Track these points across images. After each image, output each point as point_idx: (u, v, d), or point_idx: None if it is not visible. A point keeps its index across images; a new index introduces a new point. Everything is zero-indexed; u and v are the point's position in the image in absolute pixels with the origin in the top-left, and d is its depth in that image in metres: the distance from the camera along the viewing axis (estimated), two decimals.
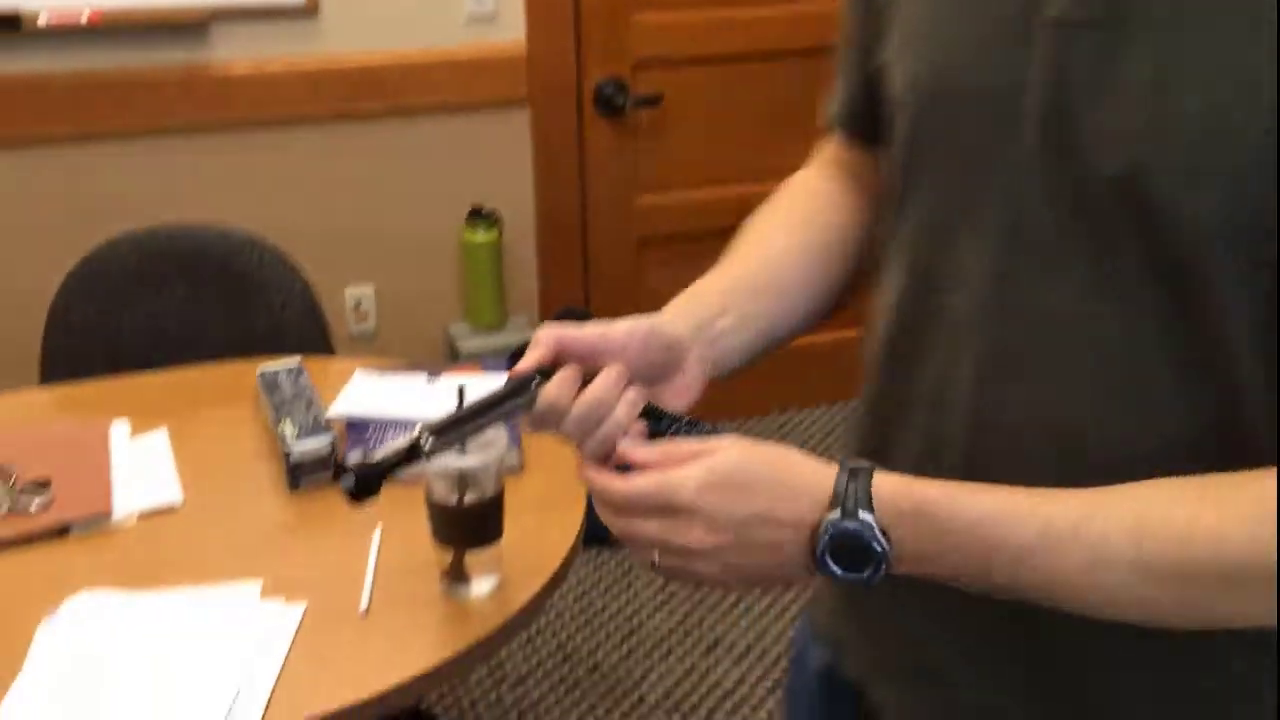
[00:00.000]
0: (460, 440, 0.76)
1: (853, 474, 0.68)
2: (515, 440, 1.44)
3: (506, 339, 2.69)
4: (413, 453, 0.74)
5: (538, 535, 1.30)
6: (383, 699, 1.09)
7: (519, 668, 2.21)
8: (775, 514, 0.68)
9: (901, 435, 0.79)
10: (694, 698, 2.14)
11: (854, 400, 0.88)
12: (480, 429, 0.75)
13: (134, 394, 1.65)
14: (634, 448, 0.72)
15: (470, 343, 2.69)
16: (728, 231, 0.93)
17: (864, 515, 0.66)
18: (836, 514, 0.66)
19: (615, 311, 0.75)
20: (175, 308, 1.85)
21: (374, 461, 0.74)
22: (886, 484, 0.67)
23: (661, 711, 2.10)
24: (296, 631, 1.16)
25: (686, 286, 0.84)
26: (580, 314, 2.73)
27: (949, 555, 0.66)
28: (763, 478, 0.68)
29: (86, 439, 1.50)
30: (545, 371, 0.74)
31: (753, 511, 0.67)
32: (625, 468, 0.73)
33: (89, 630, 1.15)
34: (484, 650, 1.16)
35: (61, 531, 1.32)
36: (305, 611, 1.18)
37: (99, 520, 1.34)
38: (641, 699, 2.13)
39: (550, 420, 0.73)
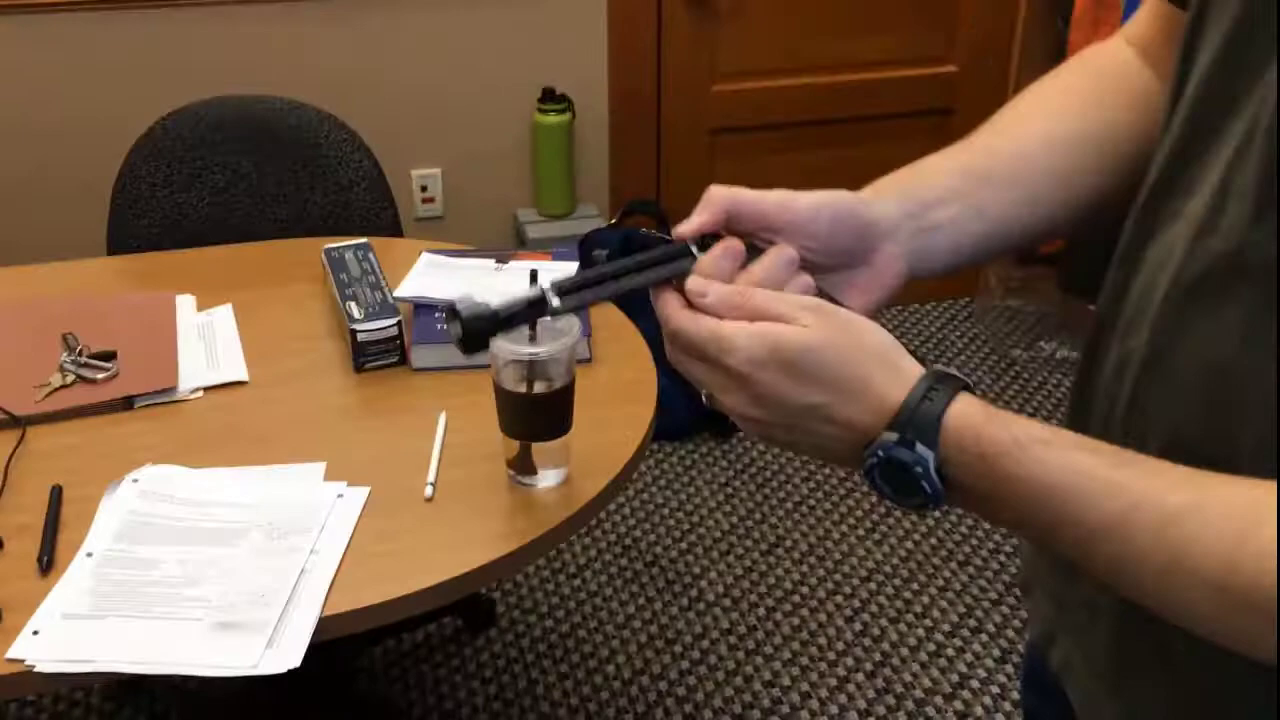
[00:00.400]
0: (587, 304, 0.66)
1: (930, 392, 0.58)
2: (585, 330, 1.39)
3: (575, 227, 2.63)
4: (535, 309, 0.65)
5: (606, 429, 1.26)
6: (444, 588, 1.07)
7: (578, 558, 2.21)
8: (831, 411, 0.60)
9: (1108, 341, 0.69)
10: (752, 596, 2.12)
11: (930, 302, 0.83)
12: (614, 295, 0.65)
13: (199, 268, 1.62)
14: (706, 285, 0.63)
15: (538, 229, 2.63)
16: (805, 125, 0.87)
17: (921, 449, 0.58)
18: (893, 436, 0.58)
19: (687, 202, 0.67)
20: (242, 181, 1.81)
21: (487, 311, 0.65)
22: (962, 414, 0.58)
23: (719, 609, 2.09)
24: (360, 515, 1.14)
25: (758, 181, 0.73)
26: (652, 208, 2.66)
27: (1010, 511, 0.58)
28: (830, 369, 0.59)
29: (152, 312, 1.48)
30: (705, 240, 0.65)
31: (807, 403, 0.60)
32: None
33: (152, 503, 1.14)
34: (547, 544, 1.14)
35: (126, 403, 1.31)
36: (369, 495, 1.16)
37: (164, 394, 1.33)
38: (700, 595, 2.12)
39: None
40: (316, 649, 1.00)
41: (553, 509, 1.17)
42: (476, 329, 0.65)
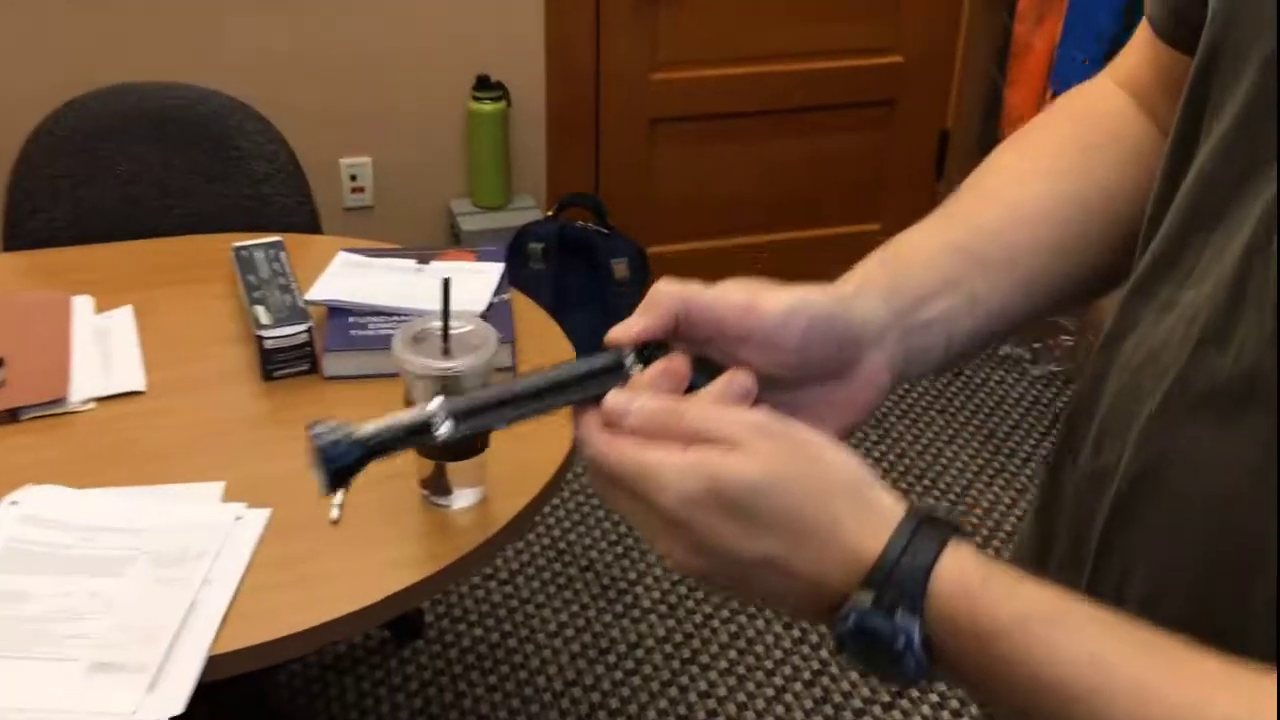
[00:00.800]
0: (487, 429, 0.54)
1: (914, 541, 0.47)
2: (507, 335, 1.32)
3: (510, 219, 2.55)
4: (418, 435, 0.53)
5: (527, 444, 1.19)
6: (349, 620, 1.00)
7: (510, 563, 2.14)
8: (790, 563, 0.48)
9: (1077, 449, 0.60)
10: (689, 602, 2.06)
11: (878, 224, 0.74)
12: (522, 417, 0.54)
13: (100, 266, 1.52)
14: (628, 402, 0.51)
15: (473, 221, 2.55)
16: (748, 116, 0.77)
17: (902, 617, 0.47)
18: (867, 599, 0.47)
19: (624, 195, 0.57)
20: (147, 174, 1.71)
21: (349, 440, 0.53)
22: (952, 575, 0.47)
23: (655, 615, 2.03)
24: (259, 540, 1.06)
25: (698, 171, 0.63)
26: (590, 201, 2.59)
27: (1008, 698, 0.47)
28: (786, 510, 0.48)
29: (46, 313, 1.39)
30: (646, 351, 0.53)
31: (758, 553, 0.48)
32: None
33: (32, 528, 1.06)
34: (463, 569, 1.07)
35: (11, 415, 1.22)
36: (270, 517, 1.08)
37: (53, 405, 1.24)
38: (635, 601, 2.06)
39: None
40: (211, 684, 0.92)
41: (469, 531, 1.10)
42: (337, 465, 0.53)
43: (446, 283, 1.03)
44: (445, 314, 1.04)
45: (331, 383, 1.29)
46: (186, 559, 1.03)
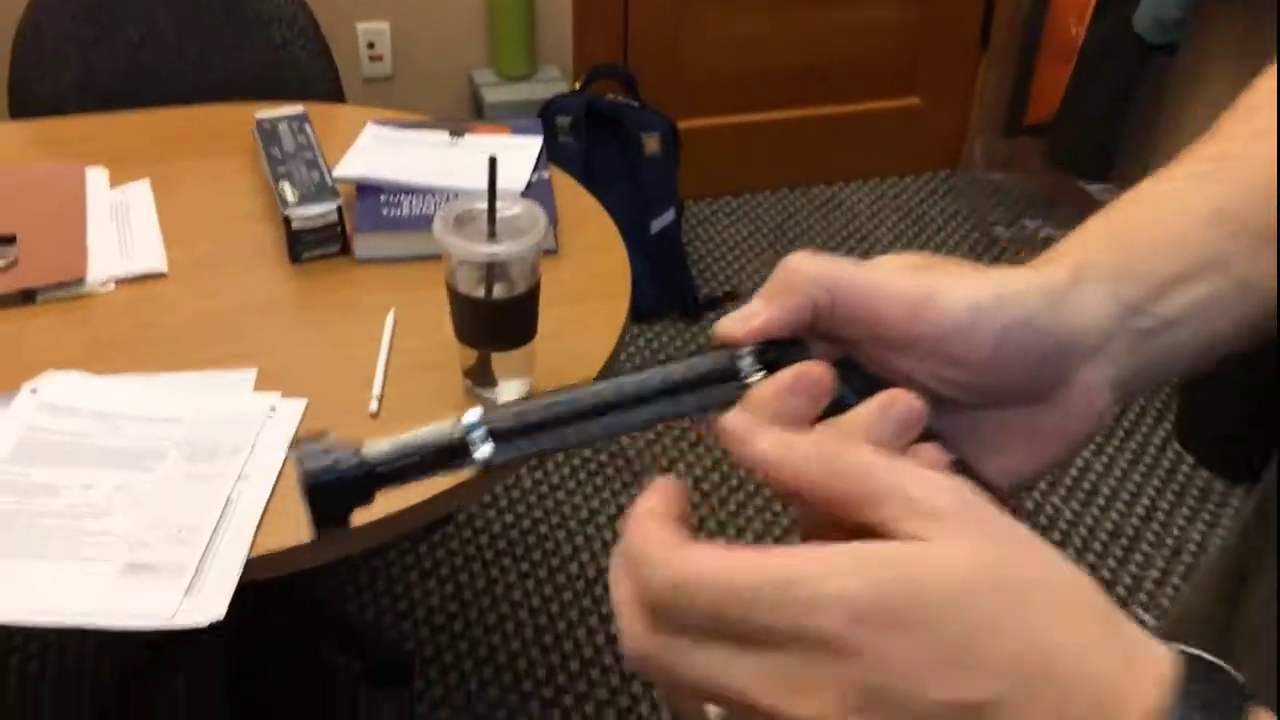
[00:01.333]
0: (546, 451, 0.39)
1: (1194, 703, 0.30)
2: (551, 216, 1.24)
3: (535, 91, 2.43)
4: (446, 460, 0.38)
5: (575, 332, 1.12)
6: (392, 521, 0.94)
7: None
8: (1017, 715, 0.30)
9: None
10: (723, 490, 2.02)
11: (909, 175, 0.60)
12: (584, 442, 0.39)
13: (112, 135, 1.43)
14: (756, 425, 0.35)
15: (496, 93, 2.44)
16: None
17: None
18: None
19: (654, 67, 0.37)
20: (159, 37, 1.60)
21: (352, 466, 0.37)
22: None
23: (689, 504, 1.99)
24: (296, 431, 1.00)
25: (731, 42, 0.42)
26: (620, 72, 2.46)
27: None
28: (1016, 637, 0.30)
29: (58, 187, 1.30)
30: (769, 351, 0.39)
31: (972, 699, 0.30)
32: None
33: (53, 417, 0.99)
34: (510, 468, 1.01)
35: (26, 297, 1.15)
36: (306, 409, 1.02)
37: (71, 287, 1.16)
38: None
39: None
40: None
41: None
42: (328, 498, 0.37)
43: (493, 161, 0.94)
44: (492, 195, 0.95)
45: (364, 265, 1.22)
46: (220, 453, 0.97)
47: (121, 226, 1.25)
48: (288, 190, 1.21)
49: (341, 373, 1.07)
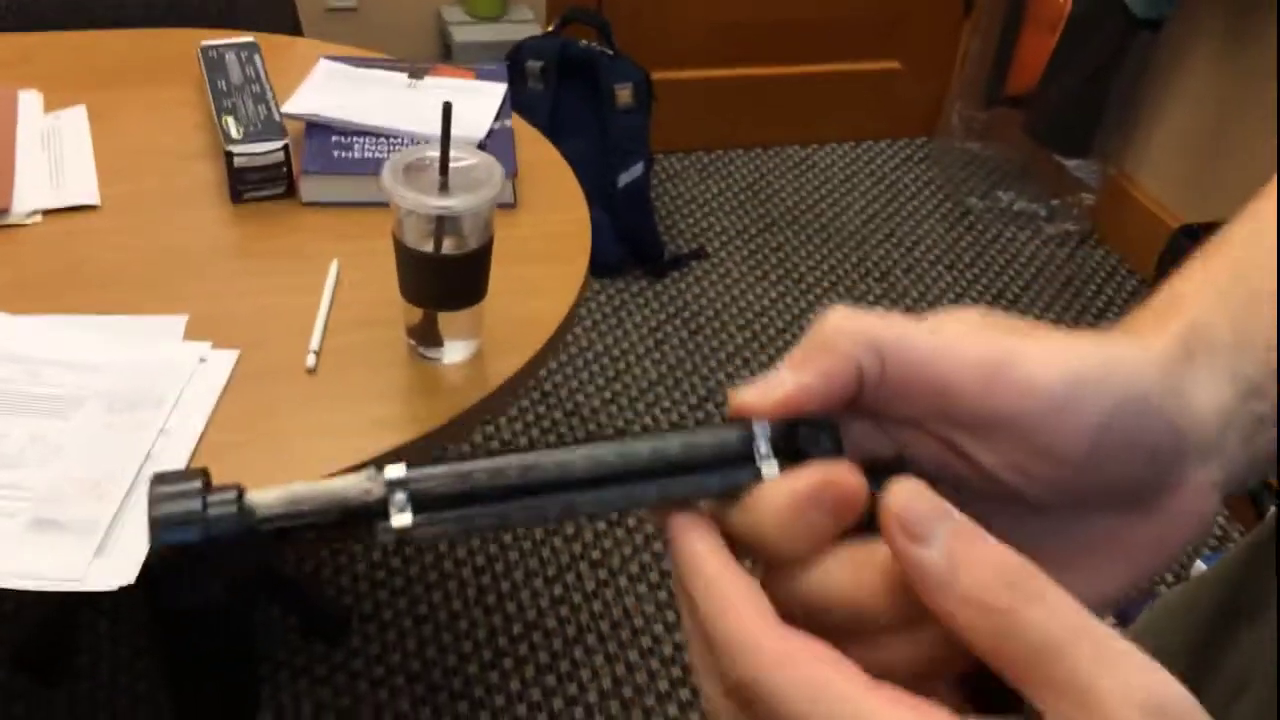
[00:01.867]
0: (481, 528, 0.31)
1: None
2: (510, 168, 1.18)
3: (506, 32, 2.35)
4: (347, 523, 0.30)
5: (528, 293, 1.07)
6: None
7: (460, 454, 2.04)
8: None
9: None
10: None
11: (885, 140, 0.54)
12: (555, 515, 0.31)
13: (48, 57, 1.35)
14: (939, 537, 0.27)
15: (466, 32, 2.35)
16: None
17: None
18: None
19: (630, 14, 0.31)
20: None
21: (226, 514, 0.29)
22: None
23: None
24: (225, 386, 0.94)
25: None
26: (594, 18, 2.38)
27: None
28: None
29: None
30: (793, 435, 0.31)
31: None
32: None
33: None
34: (452, 432, 0.96)
35: None
36: (238, 361, 0.96)
37: None
38: None
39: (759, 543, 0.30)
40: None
41: (461, 390, 0.98)
42: (191, 561, 0.29)
43: (447, 108, 0.88)
44: (445, 144, 0.89)
45: (309, 209, 1.16)
46: (143, 404, 0.91)
47: (53, 155, 1.18)
48: (231, 125, 1.15)
49: (279, 323, 1.01)
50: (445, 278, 0.95)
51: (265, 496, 0.30)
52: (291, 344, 0.99)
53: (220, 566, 0.29)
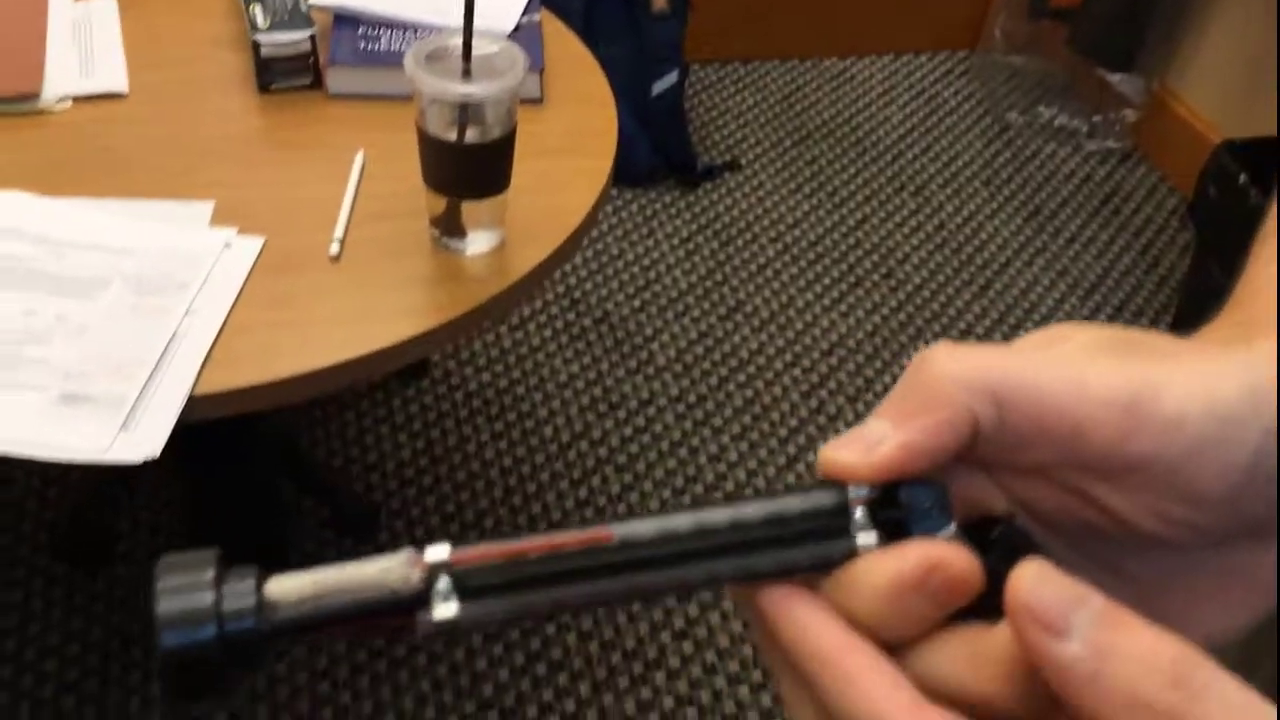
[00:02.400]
0: (535, 616, 0.31)
1: None
2: (538, 62, 1.17)
3: None
4: (391, 612, 0.27)
5: (553, 187, 1.07)
6: (345, 368, 0.90)
7: (521, 310, 2.05)
8: None
9: None
10: (705, 363, 1.99)
11: (925, 53, 0.49)
12: (616, 598, 0.28)
13: None
14: (1077, 629, 0.23)
15: None
16: None
17: None
18: None
19: None
20: None
21: (267, 608, 0.27)
22: None
23: (669, 374, 1.96)
24: (250, 272, 0.95)
25: None
26: None
27: None
28: None
29: None
30: (891, 504, 0.28)
31: None
32: None
33: None
34: (473, 321, 0.96)
35: None
36: (263, 248, 0.97)
37: (24, 101, 1.10)
38: (650, 358, 1.98)
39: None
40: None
41: (483, 280, 0.99)
42: (203, 663, 0.26)
43: (470, 2, 0.88)
44: (468, 28, 0.89)
45: (335, 101, 1.16)
46: (168, 287, 0.92)
47: (83, 43, 1.18)
48: (259, 14, 1.14)
49: (303, 212, 1.02)
50: (468, 166, 0.95)
51: (289, 587, 0.26)
52: (316, 233, 1.00)
53: (233, 667, 0.26)
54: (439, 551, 0.27)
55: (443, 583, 0.27)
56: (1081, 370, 0.27)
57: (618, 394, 1.92)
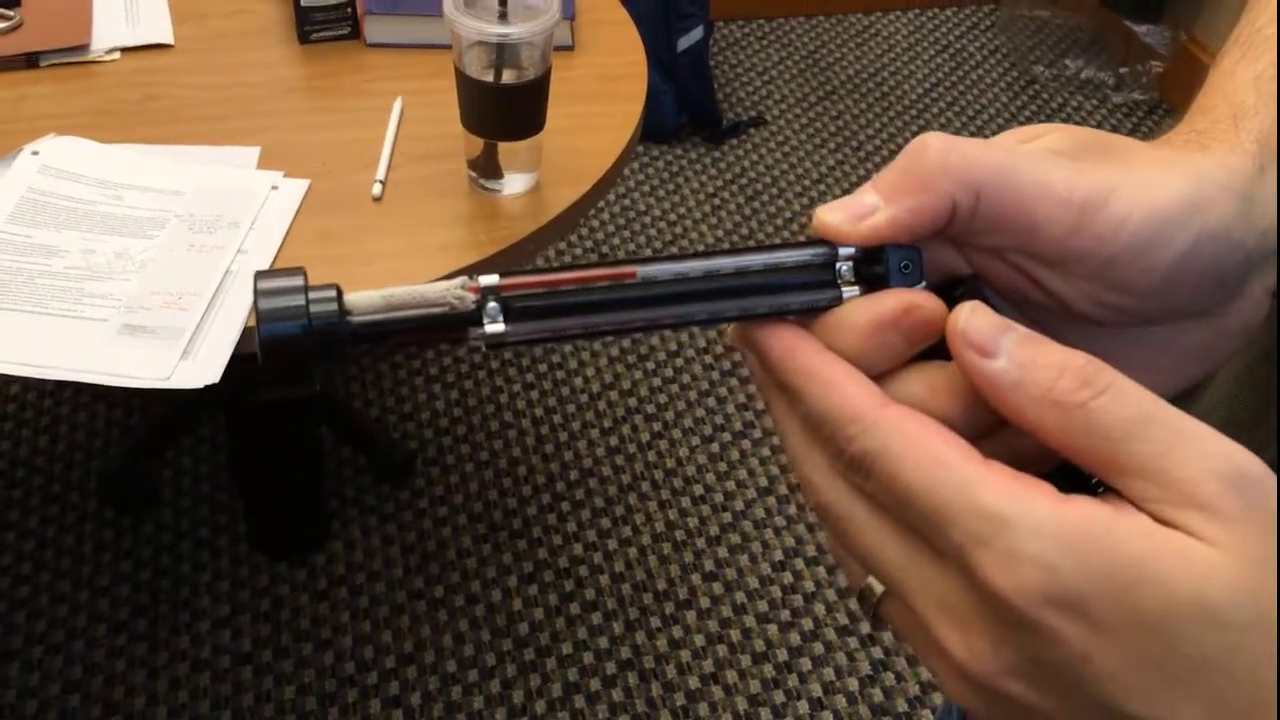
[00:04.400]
0: (569, 336, 0.32)
1: None
2: (569, 11, 1.20)
3: None
4: (449, 326, 0.31)
5: (585, 130, 1.10)
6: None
7: (551, 264, 2.08)
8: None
9: None
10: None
11: (950, 7, 0.52)
12: (633, 327, 0.32)
13: None
14: (1001, 333, 0.28)
15: None
16: None
17: None
18: None
19: None
20: None
21: (329, 312, 0.30)
22: None
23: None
24: (297, 212, 0.99)
25: None
26: None
27: None
28: (1249, 680, 0.25)
29: None
30: (876, 263, 0.31)
31: (1164, 717, 0.26)
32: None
33: (55, 180, 0.99)
34: (510, 258, 1.00)
35: (30, 61, 1.13)
36: (308, 189, 1.01)
37: (75, 52, 1.14)
38: None
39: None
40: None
41: (519, 219, 1.02)
42: (293, 352, 0.30)
43: None
44: None
45: (374, 50, 1.19)
46: (220, 225, 0.96)
47: None
48: None
49: (346, 156, 1.05)
50: (505, 107, 0.98)
51: (362, 298, 0.31)
52: (358, 175, 1.03)
53: (318, 360, 0.30)
54: (490, 278, 0.31)
55: (492, 304, 0.31)
56: (1050, 172, 0.31)
57: (646, 345, 1.95)
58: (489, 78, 0.95)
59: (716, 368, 1.92)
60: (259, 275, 0.30)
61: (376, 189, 1.02)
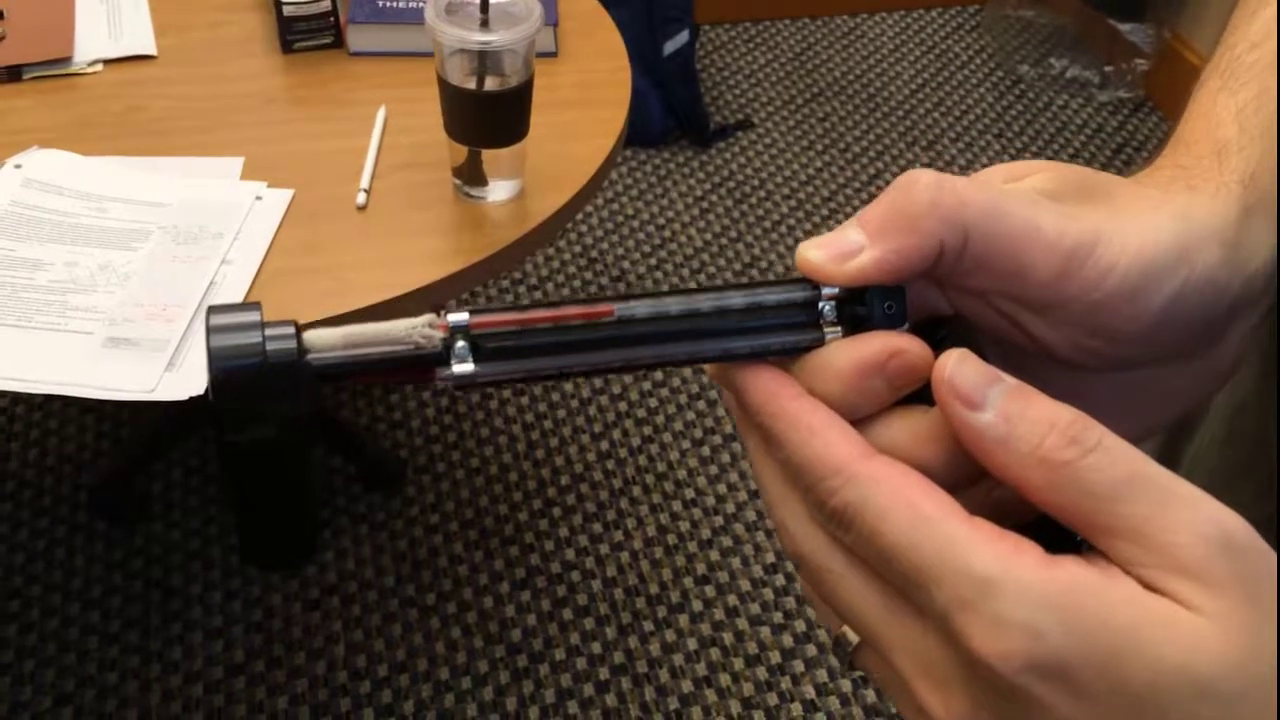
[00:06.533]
0: (543, 376, 0.31)
1: None
2: (552, 17, 1.20)
3: None
4: (414, 365, 0.30)
5: (569, 137, 1.10)
6: (377, 311, 0.94)
7: (540, 269, 2.09)
8: None
9: None
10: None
11: (935, 8, 0.51)
12: (611, 366, 0.31)
13: None
14: (989, 385, 0.27)
15: None
16: None
17: None
18: None
19: None
20: None
21: (305, 350, 0.29)
22: None
23: None
24: (281, 222, 0.99)
25: None
26: None
27: None
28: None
29: None
30: (860, 304, 0.31)
31: None
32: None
33: (38, 193, 0.99)
34: (495, 265, 1.00)
35: (12, 73, 1.13)
36: (292, 199, 1.01)
37: (57, 64, 1.14)
38: None
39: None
40: None
41: (504, 226, 1.02)
42: (247, 395, 0.28)
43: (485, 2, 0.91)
44: None
45: (356, 59, 1.19)
46: (204, 237, 0.96)
47: (110, 8, 1.22)
48: None
49: (329, 166, 1.05)
50: (488, 114, 0.98)
51: (322, 336, 0.29)
52: (342, 184, 1.03)
53: (274, 402, 0.28)
54: (459, 316, 0.29)
55: (460, 344, 0.29)
56: (1039, 216, 0.30)
57: None
58: (471, 85, 0.96)
59: (704, 369, 1.92)
60: (212, 310, 0.29)
61: (361, 198, 1.02)
